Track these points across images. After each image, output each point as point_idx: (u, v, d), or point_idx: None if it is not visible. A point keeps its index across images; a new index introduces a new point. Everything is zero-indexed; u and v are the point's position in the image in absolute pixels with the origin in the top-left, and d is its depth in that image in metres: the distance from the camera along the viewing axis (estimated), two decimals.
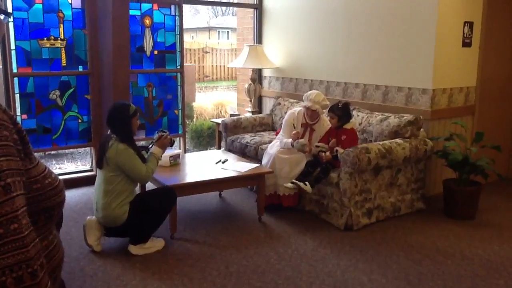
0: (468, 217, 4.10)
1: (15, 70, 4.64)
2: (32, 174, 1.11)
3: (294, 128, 4.24)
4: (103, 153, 3.36)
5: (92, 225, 3.44)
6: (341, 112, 4.01)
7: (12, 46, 4.59)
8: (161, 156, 3.58)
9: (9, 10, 4.52)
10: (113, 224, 3.38)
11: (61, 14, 4.81)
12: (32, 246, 0.99)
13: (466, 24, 4.42)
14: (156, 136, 3.59)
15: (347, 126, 4.03)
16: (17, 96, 4.69)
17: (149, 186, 4.33)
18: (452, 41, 4.36)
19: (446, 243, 3.62)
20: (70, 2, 4.86)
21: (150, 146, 3.58)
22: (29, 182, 1.09)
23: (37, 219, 1.12)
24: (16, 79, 4.66)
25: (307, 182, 3.96)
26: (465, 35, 4.44)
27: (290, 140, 4.15)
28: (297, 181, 3.97)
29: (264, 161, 4.33)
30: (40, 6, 4.70)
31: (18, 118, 4.70)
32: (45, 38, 4.76)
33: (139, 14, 5.24)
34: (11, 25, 4.56)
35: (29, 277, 0.97)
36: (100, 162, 3.39)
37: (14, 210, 0.97)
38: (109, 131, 3.45)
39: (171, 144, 3.67)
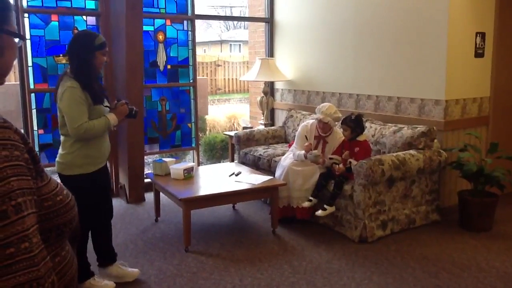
0: (484, 229, 4.05)
1: (32, 86, 4.74)
2: (44, 191, 1.13)
3: (307, 140, 4.25)
4: (57, 89, 2.92)
5: (105, 276, 3.18)
6: (354, 124, 4.01)
7: (29, 63, 4.69)
8: (114, 123, 3.00)
9: (26, 27, 4.64)
10: (56, 167, 3.00)
11: (76, 31, 4.91)
12: (42, 264, 1.00)
13: (478, 34, 4.41)
14: (112, 104, 3.14)
15: (360, 138, 4.03)
16: (34, 112, 4.78)
17: (163, 198, 4.36)
18: (464, 51, 4.35)
19: (462, 256, 3.57)
20: (85, 19, 4.96)
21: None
22: (40, 200, 1.10)
23: (48, 236, 1.13)
24: (33, 95, 4.75)
25: (326, 206, 3.96)
26: (477, 46, 4.43)
27: (303, 152, 4.16)
28: (318, 213, 3.98)
29: (278, 173, 4.34)
30: (56, 23, 4.81)
31: (35, 133, 4.79)
32: (61, 55, 4.85)
33: (153, 29, 5.32)
34: (28, 43, 4.67)
35: None
36: (56, 100, 2.95)
37: (25, 229, 0.98)
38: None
39: (133, 114, 3.16)
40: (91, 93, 2.88)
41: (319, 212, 3.98)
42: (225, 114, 10.45)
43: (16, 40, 1.17)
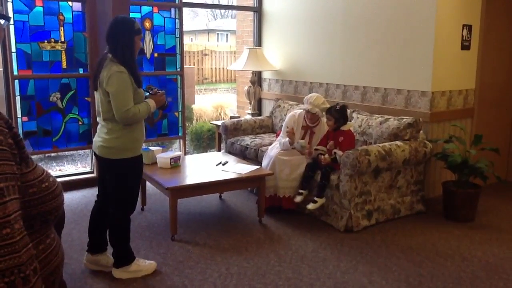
0: (468, 220, 4.12)
1: (15, 73, 4.65)
2: (28, 178, 1.11)
3: (294, 131, 4.25)
4: (97, 74, 2.91)
5: (93, 263, 3.19)
6: (338, 114, 4.03)
7: (13, 49, 4.60)
8: (153, 110, 3.07)
9: (10, 13, 4.54)
10: (102, 152, 2.94)
11: (61, 17, 4.82)
12: (24, 251, 0.98)
13: (465, 27, 4.44)
14: (153, 90, 3.17)
15: (345, 127, 4.06)
16: (17, 99, 4.69)
17: (149, 187, 4.34)
18: (451, 44, 4.38)
19: (445, 245, 3.63)
20: (71, 5, 4.87)
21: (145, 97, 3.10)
22: (24, 187, 1.08)
23: (32, 223, 1.12)
24: (16, 81, 4.67)
25: (316, 199, 3.98)
26: (464, 38, 4.46)
27: (287, 139, 4.17)
28: (309, 206, 3.99)
29: (264, 163, 4.35)
30: (41, 9, 4.72)
31: (19, 121, 4.71)
32: (46, 41, 4.77)
33: (139, 17, 5.26)
34: (11, 28, 4.57)
35: (21, 282, 0.96)
36: (95, 84, 2.94)
37: (6, 215, 0.96)
38: (106, 50, 2.95)
39: (165, 106, 3.27)
40: (135, 76, 2.91)
41: (310, 206, 4.00)
42: (212, 103, 10.40)
43: (2, 21, 1.15)
